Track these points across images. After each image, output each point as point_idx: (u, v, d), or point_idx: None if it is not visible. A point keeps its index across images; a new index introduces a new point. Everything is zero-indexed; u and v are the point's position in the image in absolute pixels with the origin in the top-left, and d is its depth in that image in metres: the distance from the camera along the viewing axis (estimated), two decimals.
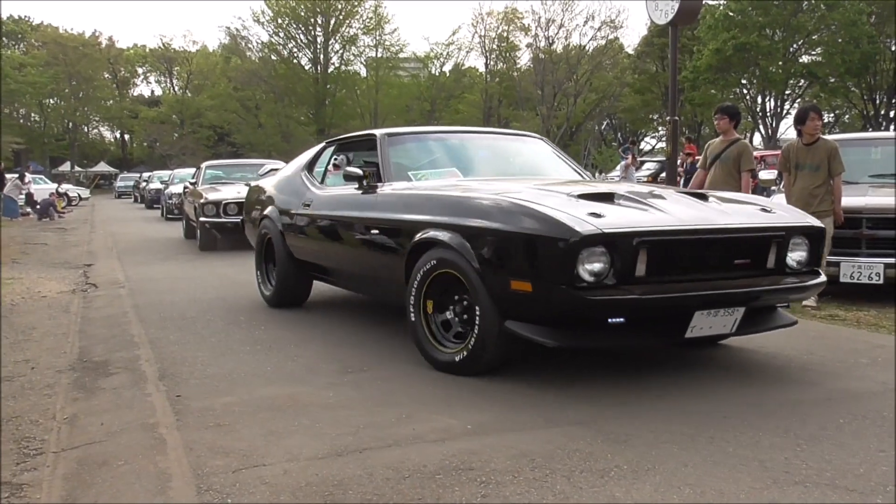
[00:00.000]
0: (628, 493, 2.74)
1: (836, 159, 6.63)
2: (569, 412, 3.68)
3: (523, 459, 3.07)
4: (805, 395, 3.93)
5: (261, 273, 7.06)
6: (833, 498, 2.69)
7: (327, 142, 6.82)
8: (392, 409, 3.77)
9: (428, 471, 2.97)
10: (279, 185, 7.00)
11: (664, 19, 9.37)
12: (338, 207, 5.77)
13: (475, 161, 6.04)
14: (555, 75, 51.50)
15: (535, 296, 3.82)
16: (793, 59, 45.15)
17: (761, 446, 3.19)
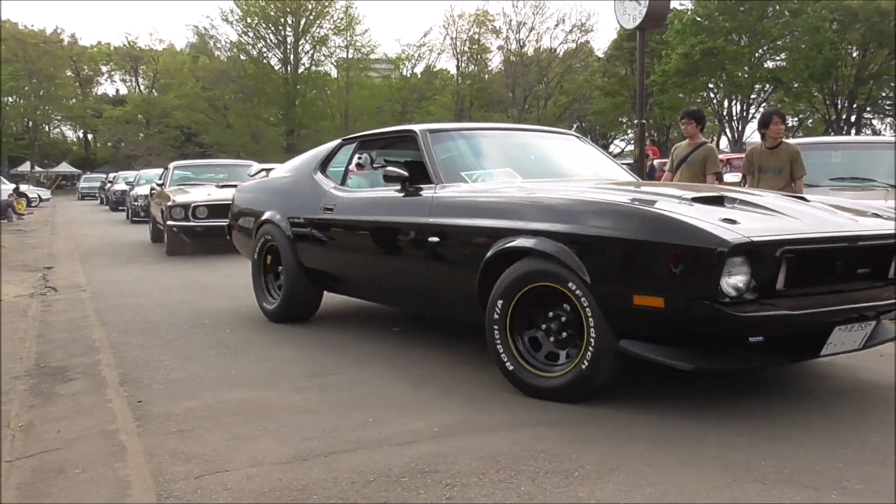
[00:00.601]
0: (592, 493, 2.76)
1: (798, 163, 6.72)
2: (536, 413, 3.69)
3: (489, 461, 3.07)
4: (769, 395, 3.96)
5: (260, 285, 6.41)
6: (790, 495, 2.72)
7: (344, 139, 6.26)
8: (359, 412, 3.76)
9: (393, 474, 2.97)
10: (284, 188, 6.39)
11: (632, 23, 9.43)
12: (374, 212, 5.25)
13: (524, 160, 5.51)
14: (526, 78, 51.76)
15: (668, 312, 3.39)
16: (758, 64, 45.69)
17: (723, 444, 3.22)
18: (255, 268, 6.45)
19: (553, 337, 3.94)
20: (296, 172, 6.42)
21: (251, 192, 7.01)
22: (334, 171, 6.09)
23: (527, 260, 3.93)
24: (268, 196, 6.55)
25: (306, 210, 5.85)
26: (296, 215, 5.96)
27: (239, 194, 7.24)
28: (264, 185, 6.92)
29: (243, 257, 7.17)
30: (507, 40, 53.53)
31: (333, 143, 6.28)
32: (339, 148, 6.13)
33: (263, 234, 6.27)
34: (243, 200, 7.03)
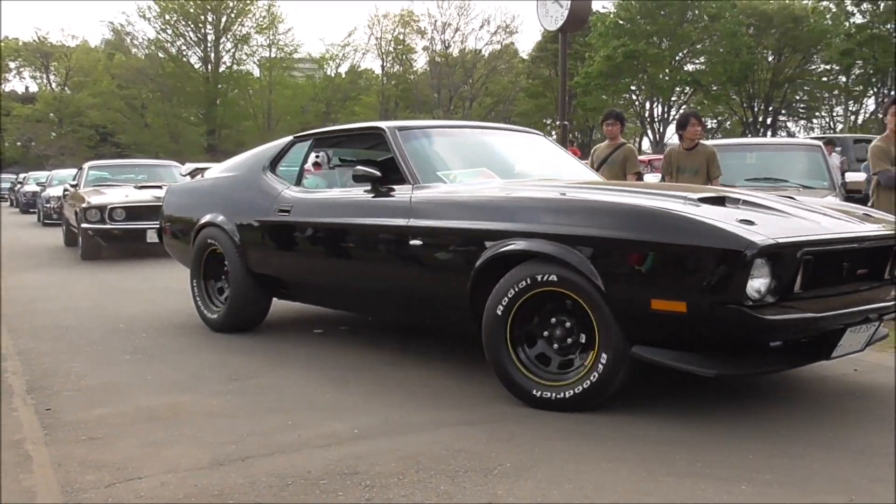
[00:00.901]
0: (511, 490, 2.77)
1: (715, 164, 6.89)
2: (458, 413, 3.70)
3: (409, 461, 3.06)
4: (687, 389, 4.03)
5: (200, 292, 5.97)
6: (702, 487, 2.78)
7: (296, 137, 5.84)
8: (278, 415, 3.71)
9: (312, 476, 2.93)
10: (229, 188, 5.95)
11: (554, 25, 9.56)
12: (340, 214, 4.91)
13: (497, 159, 5.29)
14: (451, 79, 51.98)
15: (690, 317, 3.26)
16: (679, 66, 46.75)
17: (641, 440, 3.27)
18: (194, 275, 6.01)
19: (557, 344, 3.75)
20: (241, 172, 6.00)
21: (187, 194, 6.61)
22: (286, 170, 5.74)
23: (529, 264, 3.73)
24: (208, 197, 6.11)
25: (257, 212, 5.48)
26: (244, 218, 5.57)
27: (172, 196, 6.74)
28: (202, 185, 6.53)
29: (163, 261, 7.01)
30: (433, 41, 53.67)
31: (283, 141, 5.90)
32: (291, 146, 5.77)
33: (205, 238, 5.84)
34: (178, 202, 6.56)
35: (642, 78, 46.49)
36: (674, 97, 48.39)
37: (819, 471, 2.92)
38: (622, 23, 44.76)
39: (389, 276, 4.56)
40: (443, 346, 5.21)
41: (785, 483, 2.81)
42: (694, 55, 47.05)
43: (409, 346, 5.26)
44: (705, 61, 45.98)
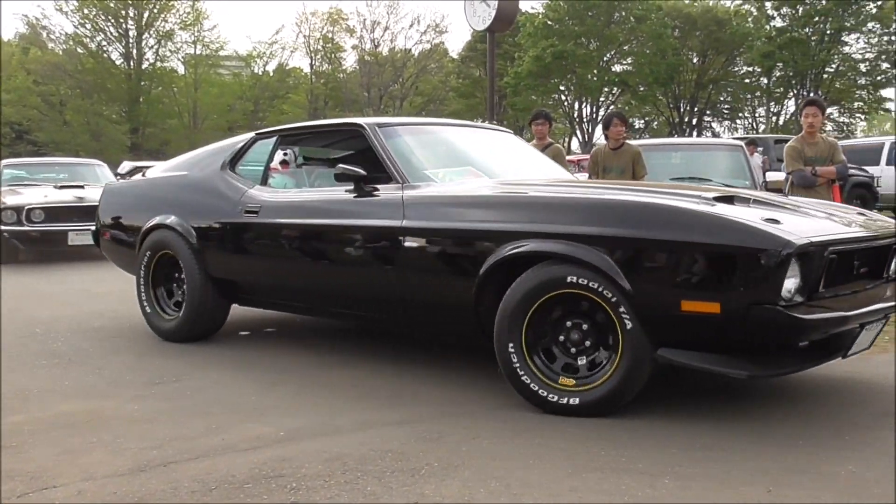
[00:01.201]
0: (438, 489, 2.76)
1: (640, 163, 7.00)
2: (386, 414, 3.68)
3: (336, 463, 3.03)
4: None
5: (150, 300, 5.56)
6: (626, 481, 2.82)
7: (258, 133, 5.54)
8: (202, 419, 3.63)
9: (236, 480, 2.88)
10: (182, 188, 5.58)
11: (482, 25, 9.60)
12: (319, 215, 4.65)
13: (478, 158, 5.13)
14: (381, 78, 51.85)
15: (724, 318, 3.20)
16: (606, 67, 47.48)
17: (567, 436, 3.30)
18: (142, 281, 5.57)
19: (574, 348, 3.62)
20: (195, 171, 5.62)
21: (130, 194, 6.19)
22: (246, 169, 5.44)
23: (546, 265, 3.59)
24: (157, 198, 5.70)
25: (218, 214, 5.15)
26: (203, 220, 5.24)
27: (111, 196, 6.28)
28: (148, 185, 6.07)
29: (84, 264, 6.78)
30: (362, 39, 53.46)
31: (244, 138, 5.58)
32: (253, 143, 5.45)
33: (154, 241, 5.45)
34: (118, 203, 6.13)
35: (571, 78, 47.09)
36: (602, 98, 49.14)
37: (740, 464, 2.98)
38: (551, 23, 45.26)
39: (379, 280, 4.32)
40: (372, 347, 5.19)
41: (707, 476, 2.86)
42: (621, 56, 47.85)
43: (338, 346, 5.22)
44: (632, 62, 46.80)
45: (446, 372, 4.46)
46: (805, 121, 6.50)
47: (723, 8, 46.11)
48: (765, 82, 46.83)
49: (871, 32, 42.63)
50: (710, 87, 48.08)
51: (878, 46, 42.64)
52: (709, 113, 51.00)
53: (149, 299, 5.57)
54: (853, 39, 43.31)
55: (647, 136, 47.81)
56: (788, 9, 42.99)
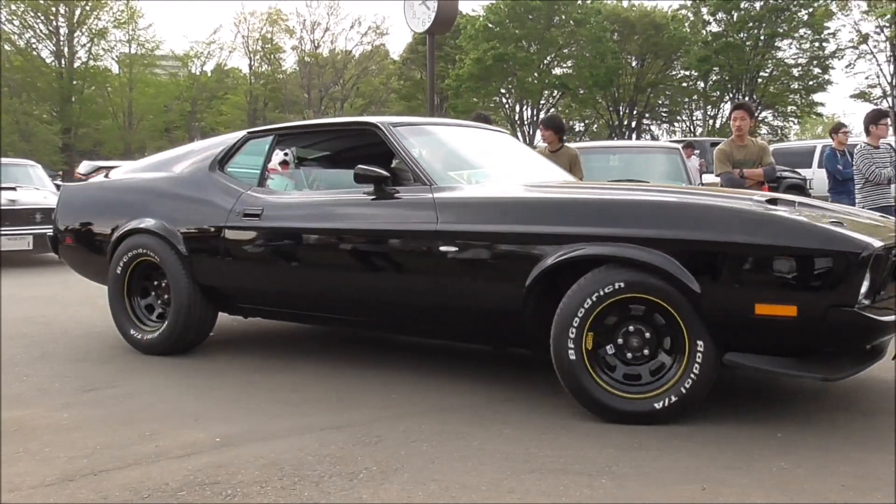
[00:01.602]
0: (376, 493, 2.75)
1: (577, 166, 7.04)
2: (325, 418, 3.64)
3: (272, 468, 2.99)
4: (551, 388, 4.09)
5: (125, 311, 5.12)
6: (564, 482, 2.83)
7: (250, 132, 5.24)
8: (135, 426, 3.55)
9: (170, 488, 2.82)
10: (164, 190, 5.17)
11: (422, 27, 9.61)
12: (335, 218, 4.42)
13: (489, 158, 5.06)
14: (321, 79, 51.53)
15: (801, 321, 3.17)
16: (547, 70, 47.90)
17: (506, 438, 3.31)
18: (115, 291, 5.12)
19: (632, 354, 3.52)
20: (179, 171, 5.23)
21: (97, 196, 5.67)
22: (241, 171, 5.15)
23: (606, 269, 3.48)
24: (131, 200, 5.28)
25: (211, 217, 4.81)
26: (192, 224, 4.89)
27: (73, 198, 5.75)
28: (120, 186, 5.58)
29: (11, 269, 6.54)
30: (302, 40, 53.09)
31: (233, 137, 5.26)
32: (244, 142, 5.15)
33: (132, 247, 5.02)
34: (83, 206, 5.62)
35: (511, 81, 47.42)
36: (543, 100, 49.55)
37: (674, 462, 3.02)
38: (491, 26, 45.53)
39: (408, 286, 4.13)
40: (310, 351, 5.14)
41: (643, 475, 2.89)
42: (561, 59, 48.33)
43: (276, 351, 5.16)
44: (573, 65, 47.32)
45: (387, 375, 4.44)
46: (734, 124, 6.65)
47: (661, 12, 46.93)
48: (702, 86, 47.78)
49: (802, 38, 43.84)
50: (648, 91, 48.87)
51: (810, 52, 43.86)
52: (647, 116, 51.82)
53: (124, 310, 5.13)
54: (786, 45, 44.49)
55: (586, 138, 48.35)
56: (724, 14, 43.95)
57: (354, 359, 4.85)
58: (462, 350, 5.07)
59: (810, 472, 2.90)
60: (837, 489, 2.74)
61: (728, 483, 2.81)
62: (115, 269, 5.11)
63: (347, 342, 5.36)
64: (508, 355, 4.89)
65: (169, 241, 4.88)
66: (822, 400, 3.86)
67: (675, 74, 49.39)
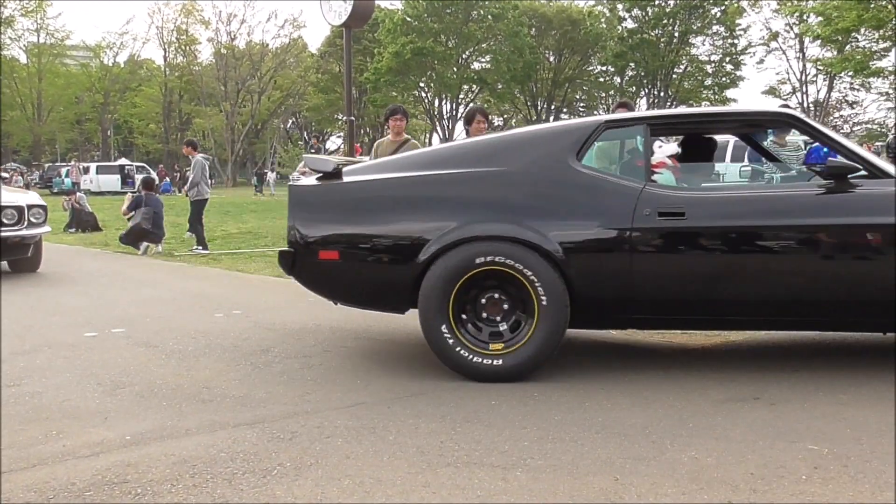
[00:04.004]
0: (290, 490, 2.74)
1: None
2: (237, 414, 3.61)
3: (184, 466, 2.95)
4: (464, 381, 4.13)
5: (451, 329, 4.18)
6: (479, 475, 2.86)
7: (608, 121, 4.60)
8: (40, 425, 3.46)
9: (76, 488, 2.76)
10: (507, 185, 4.37)
11: (338, 20, 9.54)
12: (795, 214, 4.13)
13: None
14: (238, 71, 50.74)
15: None
16: (465, 65, 48.15)
17: (420, 432, 3.33)
18: (437, 310, 4.18)
19: None
20: (516, 165, 4.43)
21: (376, 196, 4.58)
22: (604, 164, 4.82)
23: None
24: (449, 200, 4.39)
25: (605, 218, 4.20)
26: (574, 226, 4.22)
27: (325, 200, 4.63)
28: (415, 182, 4.53)
29: None
30: (218, 32, 52.20)
31: (584, 124, 4.62)
32: (602, 131, 4.53)
33: (475, 256, 4.13)
34: (353, 209, 4.53)
35: (430, 75, 47.53)
36: (461, 95, 49.78)
37: (587, 454, 3.07)
38: (410, 20, 45.53)
39: (870, 280, 4.09)
40: (221, 347, 5.07)
41: (556, 467, 2.94)
42: (479, 54, 48.66)
43: (184, 347, 5.07)
44: (491, 60, 47.67)
45: (299, 371, 4.43)
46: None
47: (577, 8, 47.66)
48: (618, 81, 48.69)
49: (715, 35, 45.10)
50: (566, 86, 49.61)
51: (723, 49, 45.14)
52: (565, 111, 52.61)
53: (454, 334, 4.20)
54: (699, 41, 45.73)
55: None
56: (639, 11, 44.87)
57: (259, 355, 4.80)
58: (370, 345, 5.08)
59: (719, 461, 2.98)
60: (746, 477, 2.83)
61: (640, 474, 2.87)
62: (435, 285, 4.19)
63: (255, 339, 5.31)
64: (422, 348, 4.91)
65: (541, 247, 4.13)
66: (730, 390, 3.99)
67: (592, 70, 50.27)
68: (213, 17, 52.91)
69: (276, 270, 8.73)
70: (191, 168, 11.98)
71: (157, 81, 55.00)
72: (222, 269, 9.29)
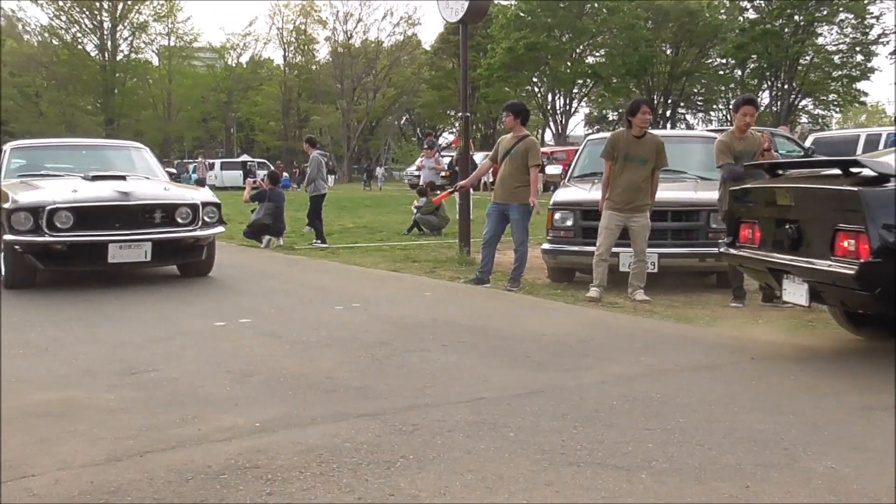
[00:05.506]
0: (413, 482, 2.78)
1: (663, 154, 6.89)
2: (359, 405, 3.69)
3: (310, 454, 3.04)
4: (582, 380, 4.13)
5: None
6: (602, 476, 2.84)
7: None
8: (177, 409, 3.63)
9: (212, 471, 2.88)
10: None
11: (454, 17, 9.59)
12: None
13: None
14: (354, 69, 51.67)
15: None
16: (579, 59, 47.59)
17: (541, 430, 3.32)
18: None
19: None
20: None
21: None
22: None
23: None
24: None
25: None
26: None
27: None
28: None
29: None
30: (335, 31, 53.27)
31: None
32: None
33: None
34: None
35: (544, 70, 47.18)
36: (575, 89, 49.23)
37: (715, 459, 3.00)
38: (523, 15, 45.31)
39: None
40: (341, 339, 5.19)
41: (682, 471, 2.88)
42: (594, 48, 48.01)
43: (306, 338, 5.21)
44: (605, 54, 46.97)
45: (418, 364, 4.49)
46: (743, 119, 6.52)
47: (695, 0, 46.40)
48: (739, 74, 47.16)
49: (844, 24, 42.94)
50: (683, 79, 48.39)
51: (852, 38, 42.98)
52: (682, 105, 51.34)
53: None
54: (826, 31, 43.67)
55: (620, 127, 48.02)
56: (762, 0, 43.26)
57: (384, 348, 4.90)
58: (486, 341, 5.11)
59: (858, 473, 2.86)
60: (888, 491, 2.70)
61: (771, 482, 2.78)
62: None
63: (374, 332, 5.41)
64: (544, 346, 4.92)
65: None
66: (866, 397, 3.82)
67: (711, 62, 48.81)
68: (330, 17, 54.15)
69: (393, 264, 8.91)
70: (308, 164, 12.30)
71: (277, 80, 56.63)
72: (340, 263, 9.50)
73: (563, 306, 6.41)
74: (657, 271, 7.00)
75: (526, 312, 6.16)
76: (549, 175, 9.34)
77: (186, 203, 7.64)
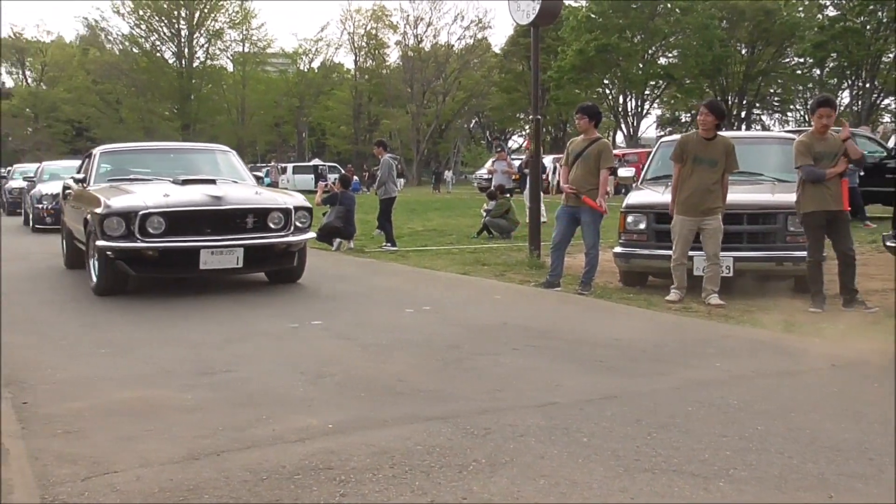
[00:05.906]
0: (485, 486, 2.77)
1: (733, 157, 6.76)
2: (430, 408, 3.70)
3: (383, 457, 3.06)
4: (657, 385, 4.07)
5: None
6: (679, 483, 2.79)
7: None
8: (251, 410, 3.69)
9: (286, 471, 2.92)
10: None
11: (526, 20, 9.55)
12: None
13: None
14: (424, 73, 51.98)
15: None
16: (651, 60, 47.00)
17: (614, 436, 3.28)
18: None
19: None
20: None
21: None
22: None
23: None
24: None
25: None
26: None
27: None
28: None
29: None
30: (405, 35, 53.66)
31: None
32: None
33: None
34: None
35: (615, 72, 46.73)
36: (647, 91, 48.64)
37: (796, 468, 2.92)
38: (594, 17, 44.99)
39: None
40: (413, 342, 5.21)
41: (762, 480, 2.81)
42: (666, 49, 47.36)
43: (377, 341, 5.25)
44: (678, 55, 46.27)
45: (489, 368, 4.48)
46: (819, 121, 6.33)
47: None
48: (817, 73, 45.94)
49: None
50: (759, 79, 47.33)
51: None
52: (758, 105, 50.24)
53: None
54: None
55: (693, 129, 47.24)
56: None
57: (455, 351, 4.90)
58: (557, 345, 5.07)
59: None
60: None
61: (858, 492, 2.70)
62: None
63: (445, 335, 5.41)
64: (618, 351, 4.86)
65: None
66: None
67: (788, 62, 47.66)
68: (401, 21, 54.50)
69: (462, 268, 8.91)
70: (379, 167, 12.40)
71: (348, 85, 57.29)
72: (410, 266, 9.54)
73: (635, 310, 6.33)
74: (732, 275, 6.86)
75: (598, 316, 6.10)
76: (622, 178, 9.23)
77: (279, 208, 7.45)
